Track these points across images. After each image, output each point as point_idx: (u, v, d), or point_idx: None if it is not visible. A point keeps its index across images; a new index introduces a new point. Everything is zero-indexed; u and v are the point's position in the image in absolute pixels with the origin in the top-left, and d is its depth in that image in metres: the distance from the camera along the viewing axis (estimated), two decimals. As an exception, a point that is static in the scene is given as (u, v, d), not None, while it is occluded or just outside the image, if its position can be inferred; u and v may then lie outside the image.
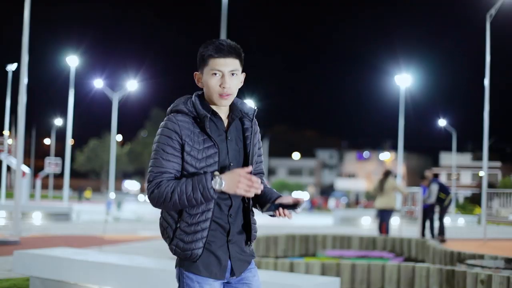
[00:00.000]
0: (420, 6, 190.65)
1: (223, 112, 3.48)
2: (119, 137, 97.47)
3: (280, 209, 3.40)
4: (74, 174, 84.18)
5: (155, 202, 3.27)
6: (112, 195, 46.20)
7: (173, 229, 3.37)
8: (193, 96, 3.50)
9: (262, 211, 3.50)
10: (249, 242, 3.52)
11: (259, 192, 3.27)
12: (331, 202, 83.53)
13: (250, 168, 3.27)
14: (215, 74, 3.37)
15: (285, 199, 3.44)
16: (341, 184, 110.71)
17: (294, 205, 3.40)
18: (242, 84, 3.51)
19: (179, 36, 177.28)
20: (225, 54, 3.37)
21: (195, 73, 3.49)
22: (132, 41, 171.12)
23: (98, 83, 47.90)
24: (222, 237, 3.39)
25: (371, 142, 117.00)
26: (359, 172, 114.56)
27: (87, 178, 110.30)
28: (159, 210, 3.44)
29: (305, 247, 15.24)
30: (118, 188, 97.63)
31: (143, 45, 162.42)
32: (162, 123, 3.41)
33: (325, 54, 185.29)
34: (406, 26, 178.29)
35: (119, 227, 25.31)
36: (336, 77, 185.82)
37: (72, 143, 58.27)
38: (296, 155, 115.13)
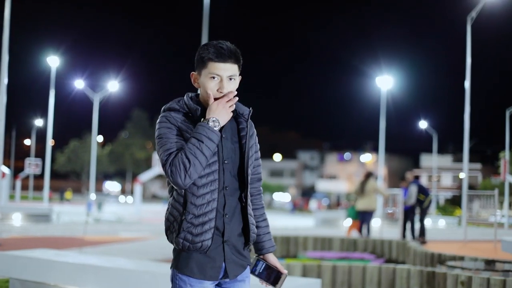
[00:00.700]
0: (401, 8, 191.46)
1: None
2: (100, 138, 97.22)
3: (263, 281, 3.51)
4: (54, 175, 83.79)
5: (181, 179, 3.23)
6: (92, 196, 46.07)
7: (178, 222, 3.34)
8: (185, 96, 3.51)
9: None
10: (248, 244, 3.50)
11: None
12: (313, 203, 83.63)
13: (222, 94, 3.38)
14: (214, 78, 3.38)
15: (272, 260, 3.58)
16: (322, 185, 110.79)
17: (276, 278, 3.49)
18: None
19: (160, 37, 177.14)
20: (225, 59, 3.37)
21: (192, 73, 3.50)
22: (113, 42, 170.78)
23: (79, 83, 47.78)
24: (218, 238, 3.37)
25: (352, 143, 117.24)
26: (340, 174, 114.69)
27: (67, 179, 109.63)
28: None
29: (286, 248, 15.24)
30: (98, 189, 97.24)
31: (124, 46, 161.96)
32: (158, 120, 3.42)
33: (307, 56, 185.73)
34: (387, 29, 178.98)
35: (99, 229, 25.20)
36: (317, 79, 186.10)
37: (53, 144, 57.95)
38: (277, 157, 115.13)
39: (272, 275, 3.50)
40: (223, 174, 3.39)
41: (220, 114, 3.32)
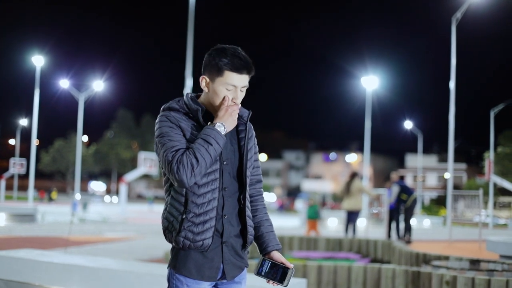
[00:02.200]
0: (386, 8, 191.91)
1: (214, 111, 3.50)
2: (85, 138, 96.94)
3: (271, 281, 3.46)
4: (39, 175, 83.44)
5: (187, 179, 3.22)
6: (77, 196, 45.89)
7: (179, 221, 3.32)
8: (185, 96, 3.52)
9: (254, 273, 3.54)
10: (246, 246, 3.50)
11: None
12: (300, 203, 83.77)
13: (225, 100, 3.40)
14: (229, 87, 3.39)
15: (277, 256, 3.51)
16: (308, 185, 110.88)
17: (283, 274, 3.45)
18: None
19: (145, 36, 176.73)
20: (242, 71, 3.38)
21: (203, 77, 3.45)
22: (98, 41, 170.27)
23: (64, 83, 47.59)
24: (217, 239, 3.37)
25: (338, 143, 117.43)
26: (326, 174, 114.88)
27: (52, 179, 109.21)
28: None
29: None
30: (84, 189, 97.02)
31: (110, 46, 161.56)
32: (157, 119, 3.41)
33: (292, 55, 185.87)
34: (373, 29, 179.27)
35: (84, 229, 25.11)
36: (303, 79, 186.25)
37: (37, 144, 57.77)
38: (263, 157, 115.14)
39: (278, 272, 3.47)
40: (222, 175, 3.40)
41: (227, 121, 3.35)
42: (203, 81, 3.45)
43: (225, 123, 3.33)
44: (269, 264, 3.51)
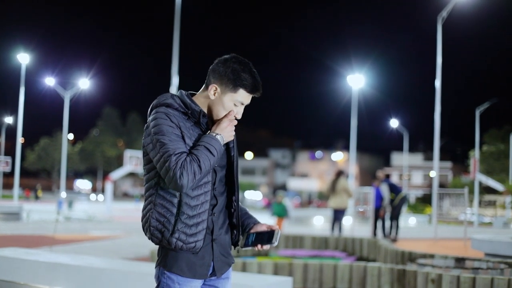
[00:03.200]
0: (372, 7, 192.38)
1: (209, 116, 3.52)
2: (71, 136, 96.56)
3: (259, 245, 3.52)
4: (24, 173, 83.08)
5: (188, 184, 3.22)
6: (63, 194, 45.75)
7: (172, 223, 3.31)
8: (179, 92, 3.50)
9: (241, 247, 3.58)
10: (234, 244, 3.58)
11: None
12: (288, 201, 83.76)
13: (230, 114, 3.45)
14: (237, 104, 3.45)
15: (259, 227, 3.59)
16: (294, 184, 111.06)
17: (269, 237, 3.49)
18: None
19: (131, 35, 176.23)
20: (254, 92, 3.47)
21: (214, 85, 3.44)
22: (84, 39, 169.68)
23: (49, 81, 47.43)
24: (208, 237, 3.40)
25: (324, 142, 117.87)
26: (312, 172, 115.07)
27: (37, 177, 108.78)
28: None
29: (258, 246, 15.23)
30: (69, 187, 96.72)
31: (95, 43, 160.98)
32: (154, 115, 3.36)
33: (278, 54, 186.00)
34: (359, 28, 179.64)
35: (70, 227, 25.05)
36: (289, 78, 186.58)
37: (23, 142, 57.52)
38: (249, 155, 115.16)
39: (265, 236, 3.51)
40: (215, 178, 3.43)
41: (227, 134, 3.41)
42: (213, 89, 3.44)
43: (224, 135, 3.38)
44: (254, 235, 3.57)
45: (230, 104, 3.42)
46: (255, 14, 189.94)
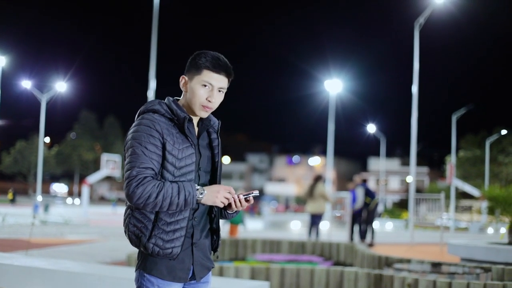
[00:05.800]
0: (350, 12, 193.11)
1: (195, 120, 3.55)
2: (47, 139, 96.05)
3: (236, 200, 3.44)
4: (0, 176, 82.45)
5: (136, 198, 3.21)
6: (39, 197, 45.43)
7: (150, 228, 3.31)
8: (166, 99, 3.52)
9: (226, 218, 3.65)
10: (214, 249, 3.60)
11: (239, 209, 3.44)
12: (265, 207, 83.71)
13: (232, 189, 3.40)
14: (205, 86, 3.44)
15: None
16: (271, 188, 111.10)
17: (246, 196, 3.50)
18: None
19: (109, 37, 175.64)
20: (220, 70, 3.45)
21: (182, 76, 3.51)
22: (61, 42, 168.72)
23: (26, 83, 47.16)
24: (188, 241, 3.40)
25: (301, 147, 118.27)
26: (289, 177, 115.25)
27: (13, 180, 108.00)
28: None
29: (235, 251, 15.23)
30: (45, 191, 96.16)
31: (73, 46, 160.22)
32: (139, 121, 3.38)
33: (255, 58, 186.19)
34: (337, 32, 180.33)
35: (46, 231, 24.87)
36: (266, 82, 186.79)
37: (-1, 145, 57.08)
38: (226, 159, 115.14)
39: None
40: (198, 182, 3.45)
41: (212, 198, 3.35)
42: (182, 80, 3.51)
43: (208, 196, 3.35)
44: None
45: (198, 86, 3.43)
46: (232, 18, 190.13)
